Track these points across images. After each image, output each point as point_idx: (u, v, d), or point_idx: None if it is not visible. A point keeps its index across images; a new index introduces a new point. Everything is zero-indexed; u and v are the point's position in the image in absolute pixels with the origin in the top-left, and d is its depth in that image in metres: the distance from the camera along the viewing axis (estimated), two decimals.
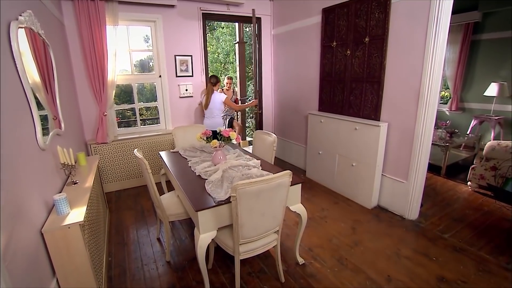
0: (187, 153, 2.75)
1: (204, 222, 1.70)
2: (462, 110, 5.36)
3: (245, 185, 1.52)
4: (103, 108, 3.37)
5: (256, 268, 2.18)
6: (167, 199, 2.40)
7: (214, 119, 3.75)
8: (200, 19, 4.04)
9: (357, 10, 2.96)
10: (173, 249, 2.48)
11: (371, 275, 2.08)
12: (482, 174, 3.38)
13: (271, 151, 2.57)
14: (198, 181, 2.06)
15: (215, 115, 3.74)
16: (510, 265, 2.15)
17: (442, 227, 2.69)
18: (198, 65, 4.17)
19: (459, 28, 5.03)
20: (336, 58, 3.32)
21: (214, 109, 3.72)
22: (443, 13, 2.32)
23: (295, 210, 2.02)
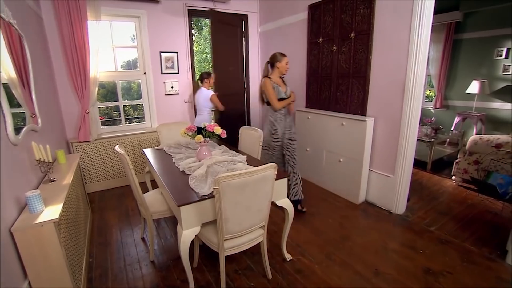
0: (171, 149, 2.69)
1: (187, 217, 1.64)
2: (446, 108, 5.47)
3: (228, 178, 1.47)
4: (86, 106, 3.26)
5: (243, 265, 2.13)
6: (151, 197, 2.33)
7: (200, 116, 3.67)
8: (186, 16, 3.98)
9: (343, 6, 2.96)
10: (158, 248, 2.41)
11: (359, 269, 2.07)
12: (465, 168, 3.44)
13: (258, 147, 2.53)
14: (182, 177, 2.00)
15: (202, 111, 3.66)
16: (492, 255, 2.18)
17: (428, 220, 2.71)
18: (184, 62, 4.10)
19: (442, 27, 5.13)
20: (322, 54, 3.32)
21: (199, 106, 3.65)
22: (425, 10, 2.34)
23: (282, 204, 1.99)
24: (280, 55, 2.72)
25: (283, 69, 2.74)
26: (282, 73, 2.77)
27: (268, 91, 2.71)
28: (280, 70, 2.74)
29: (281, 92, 2.73)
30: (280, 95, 2.72)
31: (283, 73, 2.77)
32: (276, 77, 2.76)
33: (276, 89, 2.71)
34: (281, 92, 2.73)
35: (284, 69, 2.75)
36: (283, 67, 2.73)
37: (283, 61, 2.71)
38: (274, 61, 2.74)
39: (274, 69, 2.76)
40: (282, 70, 2.74)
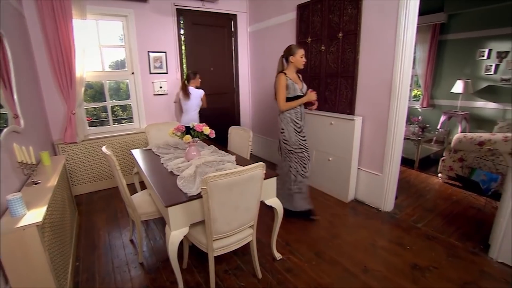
0: (160, 150, 2.66)
1: (175, 218, 1.63)
2: (433, 107, 5.59)
3: (216, 178, 1.47)
4: (72, 106, 3.19)
5: (232, 265, 2.13)
6: (139, 198, 2.30)
7: (188, 115, 3.63)
8: (174, 15, 3.94)
9: (331, 6, 2.99)
10: (147, 250, 2.38)
11: (348, 266, 2.09)
12: (451, 166, 3.53)
13: (247, 147, 2.53)
14: (170, 178, 1.98)
15: (191, 110, 3.63)
16: (476, 249, 2.24)
17: (416, 217, 2.76)
18: (173, 62, 4.06)
19: (428, 28, 5.25)
20: (311, 54, 3.34)
21: (188, 105, 3.61)
22: (410, 11, 2.39)
23: (271, 204, 1.99)
24: (295, 47, 2.44)
25: (299, 63, 2.46)
26: (298, 68, 2.51)
27: (278, 88, 2.46)
28: (295, 64, 2.47)
29: (297, 89, 2.48)
30: (296, 92, 2.48)
31: (299, 67, 2.50)
32: (292, 73, 2.51)
33: (292, 87, 2.46)
34: (297, 90, 2.48)
35: (300, 63, 2.46)
36: (299, 61, 2.45)
37: (297, 54, 2.43)
38: (288, 55, 2.47)
39: (289, 63, 2.49)
40: (297, 64, 2.47)
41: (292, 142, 2.55)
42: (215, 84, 4.46)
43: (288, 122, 2.54)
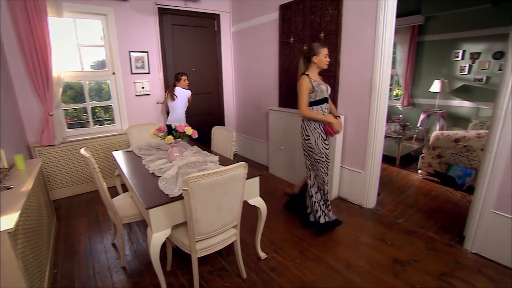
0: (142, 151, 2.60)
1: (157, 220, 1.60)
2: (413, 105, 5.77)
3: (197, 178, 1.45)
4: (49, 108, 3.08)
5: (217, 266, 2.11)
6: (121, 201, 2.24)
7: (175, 115, 3.63)
8: (156, 14, 3.88)
9: (312, 7, 3.03)
10: (130, 253, 2.33)
11: (332, 263, 2.12)
12: (429, 162, 3.65)
13: (230, 147, 2.52)
14: (152, 179, 1.95)
15: (178, 109, 3.64)
16: (452, 241, 2.33)
17: (397, 213, 2.84)
18: (155, 62, 3.99)
19: (407, 29, 5.41)
20: (294, 54, 3.37)
21: (175, 104, 3.61)
22: (388, 12, 2.44)
23: (254, 203, 1.99)
24: (318, 47, 2.26)
25: (323, 64, 2.28)
26: (321, 68, 2.32)
27: (301, 91, 2.26)
28: (318, 65, 2.29)
29: (323, 91, 2.31)
30: (323, 94, 2.31)
31: (322, 68, 2.31)
32: (315, 74, 2.33)
33: (318, 89, 2.26)
34: (324, 92, 2.31)
35: (324, 63, 2.28)
36: (322, 61, 2.27)
37: (321, 54, 2.25)
38: (310, 55, 2.27)
39: (311, 64, 2.30)
40: (321, 64, 2.28)
41: (318, 150, 2.38)
42: (198, 84, 4.42)
43: (316, 128, 2.36)
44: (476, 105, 4.89)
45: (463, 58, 4.91)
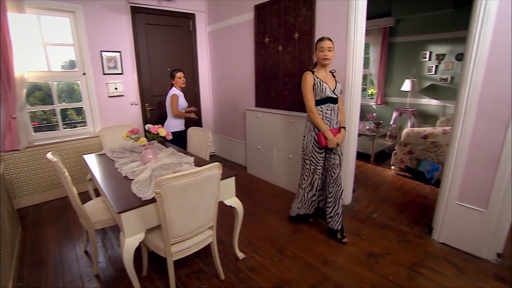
0: (115, 154, 2.52)
1: (129, 224, 1.55)
2: (386, 104, 6.00)
3: (170, 180, 1.43)
4: (11, 110, 2.90)
5: (195, 269, 2.08)
6: (93, 206, 2.16)
7: (167, 119, 3.39)
8: (129, 13, 3.76)
9: (286, 7, 3.07)
10: (104, 260, 2.24)
11: (309, 260, 2.16)
12: (402, 158, 3.81)
13: (206, 148, 2.50)
14: (125, 183, 1.89)
15: (168, 114, 3.38)
16: (422, 233, 2.45)
17: (371, 208, 2.94)
18: (129, 62, 3.88)
19: (379, 31, 5.62)
20: (269, 54, 3.40)
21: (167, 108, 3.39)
22: (359, 14, 2.52)
23: (230, 204, 1.99)
24: (318, 41, 2.14)
25: (319, 59, 2.14)
26: (321, 64, 2.18)
27: (303, 88, 2.15)
28: (318, 61, 2.16)
29: (325, 89, 2.13)
30: (325, 93, 2.14)
31: (321, 64, 2.17)
32: (320, 71, 2.18)
33: (318, 86, 2.13)
34: (325, 90, 2.14)
35: (320, 59, 2.12)
36: (318, 56, 2.13)
37: (318, 48, 2.12)
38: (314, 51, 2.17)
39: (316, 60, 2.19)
40: (318, 60, 2.16)
41: (308, 152, 2.34)
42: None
43: (311, 131, 2.30)
44: (442, 103, 5.17)
45: (430, 59, 5.18)
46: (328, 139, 2.19)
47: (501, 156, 1.92)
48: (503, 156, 1.91)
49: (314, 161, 2.35)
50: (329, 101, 2.19)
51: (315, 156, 2.32)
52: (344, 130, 2.31)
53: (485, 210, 2.05)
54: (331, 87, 2.18)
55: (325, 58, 2.12)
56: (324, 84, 2.15)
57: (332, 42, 2.12)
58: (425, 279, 1.93)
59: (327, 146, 2.23)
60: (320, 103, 2.21)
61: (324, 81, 2.17)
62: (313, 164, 2.36)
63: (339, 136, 2.23)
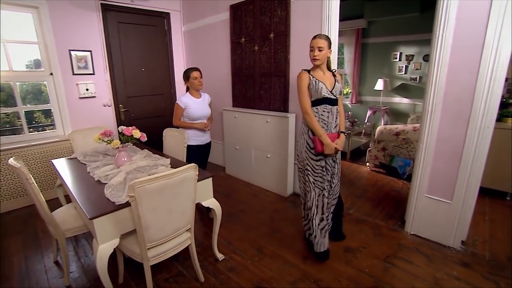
0: (87, 158, 2.41)
1: (103, 230, 1.50)
2: (360, 103, 6.20)
3: (144, 183, 1.39)
4: None
5: (173, 272, 2.04)
6: (63, 213, 2.06)
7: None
8: (99, 10, 3.61)
9: (262, 7, 3.09)
10: (76, 269, 2.14)
11: (289, 258, 2.18)
12: (376, 155, 3.95)
13: (183, 149, 2.45)
14: (97, 187, 1.82)
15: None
16: (395, 226, 2.56)
17: (348, 204, 3.02)
18: (100, 62, 3.73)
19: (353, 32, 5.80)
20: (245, 54, 3.41)
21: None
22: (332, 13, 2.58)
23: (208, 205, 1.97)
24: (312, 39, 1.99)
25: (310, 58, 2.00)
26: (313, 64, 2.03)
27: (298, 88, 2.02)
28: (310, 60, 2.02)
29: (321, 89, 1.95)
30: (321, 93, 1.96)
31: (313, 64, 2.02)
32: (317, 70, 2.02)
33: (314, 86, 1.96)
34: (320, 90, 1.95)
35: (310, 58, 1.99)
36: (309, 55, 1.99)
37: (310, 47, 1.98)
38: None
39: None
40: (310, 59, 2.01)
41: (302, 159, 2.11)
42: (149, 85, 4.24)
43: (304, 134, 2.09)
44: (413, 102, 5.43)
45: (401, 60, 5.43)
46: (325, 145, 1.95)
47: (463, 150, 2.05)
48: (464, 151, 2.04)
49: (311, 171, 2.06)
50: (326, 102, 1.99)
51: (310, 164, 2.05)
52: (343, 135, 2.06)
53: (450, 202, 2.18)
54: (329, 87, 1.98)
55: (314, 59, 1.96)
56: (320, 83, 1.96)
57: (325, 41, 1.94)
58: (399, 269, 2.02)
59: (323, 153, 2.00)
60: (315, 104, 2.01)
61: (321, 80, 1.99)
62: (313, 175, 2.06)
63: (338, 142, 2.01)
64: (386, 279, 1.93)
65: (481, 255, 2.15)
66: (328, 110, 2.01)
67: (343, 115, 2.13)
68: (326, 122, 2.02)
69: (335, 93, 2.00)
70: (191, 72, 2.64)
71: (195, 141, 2.70)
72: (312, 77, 2.00)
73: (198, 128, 2.66)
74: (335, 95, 2.00)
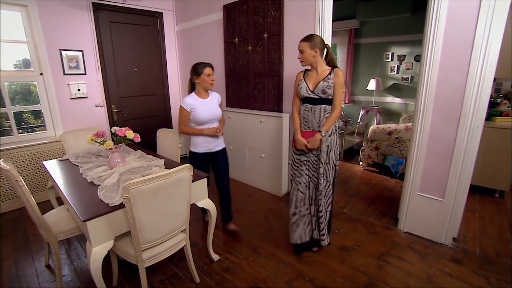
0: (79, 159, 2.37)
1: (96, 232, 1.48)
2: (353, 102, 6.26)
3: (138, 184, 1.38)
4: None
5: (168, 274, 2.03)
6: (55, 216, 2.02)
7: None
8: (90, 10, 3.57)
9: (255, 8, 3.09)
10: (69, 273, 2.10)
11: (284, 257, 2.19)
12: (369, 154, 3.99)
13: (177, 149, 2.44)
14: (90, 189, 1.79)
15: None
16: (389, 224, 2.59)
17: (342, 203, 3.05)
18: (92, 62, 3.68)
19: (345, 32, 5.85)
20: (239, 54, 3.40)
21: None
22: (326, 13, 2.60)
23: (203, 205, 1.96)
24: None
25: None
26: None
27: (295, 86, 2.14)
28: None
29: (303, 90, 2.02)
30: (300, 92, 2.04)
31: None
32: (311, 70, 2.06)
33: (299, 85, 2.06)
34: (301, 89, 2.04)
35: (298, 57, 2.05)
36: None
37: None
38: None
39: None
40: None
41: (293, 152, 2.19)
42: (141, 86, 4.20)
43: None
44: (404, 101, 5.51)
45: (392, 60, 5.50)
46: (296, 140, 2.08)
47: (454, 149, 2.09)
48: (455, 149, 2.08)
49: (291, 164, 2.19)
50: (307, 101, 2.04)
51: (293, 157, 2.16)
52: (318, 134, 1.98)
53: (442, 199, 2.22)
54: (311, 87, 2.00)
55: (300, 58, 2.04)
56: (303, 83, 2.04)
57: (306, 43, 1.99)
58: (393, 267, 2.04)
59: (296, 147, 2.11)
60: (302, 102, 2.11)
61: (307, 80, 2.04)
62: (293, 168, 2.17)
63: (310, 139, 2.01)
64: (380, 277, 1.95)
65: (472, 251, 2.19)
66: (309, 109, 2.04)
67: (332, 116, 1.99)
68: (307, 120, 2.07)
69: (316, 92, 1.98)
70: (203, 68, 2.24)
71: (202, 148, 2.33)
72: (303, 77, 2.08)
73: (210, 134, 2.30)
74: (317, 94, 1.98)
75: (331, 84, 1.95)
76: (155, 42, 4.26)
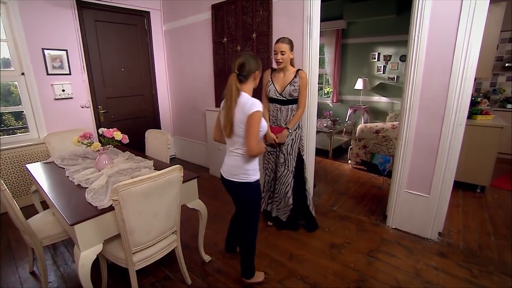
0: (65, 161, 2.31)
1: (85, 236, 1.44)
2: (341, 102, 6.35)
3: (128, 186, 1.35)
4: None
5: (159, 276, 2.00)
6: (40, 220, 1.96)
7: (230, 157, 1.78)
8: (74, 8, 3.47)
9: (244, 8, 3.09)
10: (56, 279, 2.05)
11: (275, 256, 2.20)
12: (357, 153, 4.06)
13: (166, 150, 2.41)
14: (78, 192, 1.75)
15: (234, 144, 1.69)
16: (377, 221, 2.65)
17: (331, 201, 3.09)
18: (77, 62, 3.58)
19: (333, 32, 5.93)
20: (227, 54, 3.39)
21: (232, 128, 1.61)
22: (314, 13, 2.62)
23: (194, 206, 1.95)
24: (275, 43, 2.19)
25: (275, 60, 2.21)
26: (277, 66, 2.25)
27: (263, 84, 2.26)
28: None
29: (269, 90, 2.26)
30: (269, 93, 2.28)
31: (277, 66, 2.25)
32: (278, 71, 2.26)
33: (267, 86, 2.28)
34: (269, 91, 2.27)
35: (275, 60, 2.19)
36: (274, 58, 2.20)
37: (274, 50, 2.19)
38: None
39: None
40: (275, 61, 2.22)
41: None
42: (129, 86, 4.13)
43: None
44: (391, 101, 5.63)
45: (379, 60, 5.61)
46: (266, 134, 2.30)
47: (439, 146, 2.16)
48: (440, 147, 2.15)
49: (264, 155, 2.48)
50: (275, 101, 2.31)
51: (266, 148, 2.41)
52: (286, 131, 2.27)
53: (428, 195, 2.28)
54: (279, 90, 2.24)
55: (277, 62, 2.16)
56: (271, 85, 2.27)
57: (287, 45, 2.14)
58: (382, 262, 2.09)
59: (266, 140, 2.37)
60: (270, 101, 2.35)
61: (275, 82, 2.27)
62: (264, 158, 2.50)
63: (278, 135, 2.29)
64: (370, 273, 1.99)
65: (456, 244, 2.27)
66: (278, 109, 2.31)
67: (297, 115, 2.30)
68: (275, 118, 2.34)
69: (284, 95, 2.24)
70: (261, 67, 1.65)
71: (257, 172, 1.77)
72: (271, 77, 2.28)
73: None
74: (284, 97, 2.24)
75: (297, 87, 2.22)
76: (143, 41, 4.19)
